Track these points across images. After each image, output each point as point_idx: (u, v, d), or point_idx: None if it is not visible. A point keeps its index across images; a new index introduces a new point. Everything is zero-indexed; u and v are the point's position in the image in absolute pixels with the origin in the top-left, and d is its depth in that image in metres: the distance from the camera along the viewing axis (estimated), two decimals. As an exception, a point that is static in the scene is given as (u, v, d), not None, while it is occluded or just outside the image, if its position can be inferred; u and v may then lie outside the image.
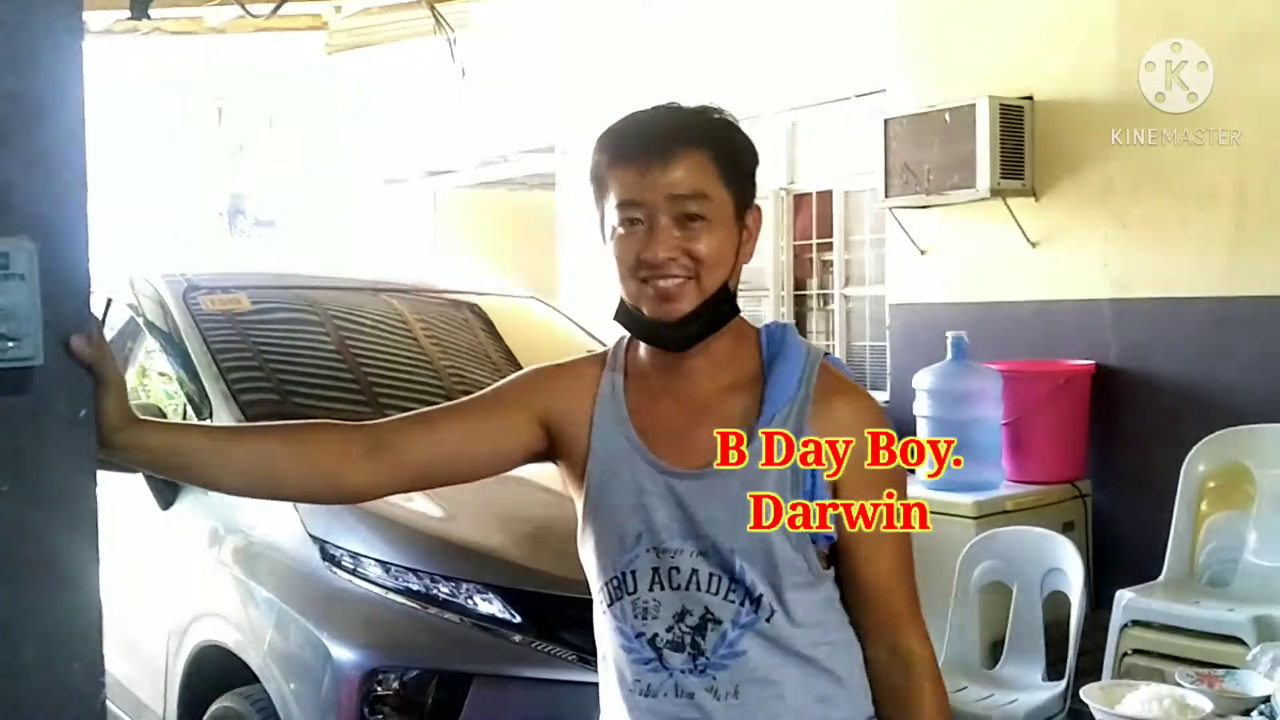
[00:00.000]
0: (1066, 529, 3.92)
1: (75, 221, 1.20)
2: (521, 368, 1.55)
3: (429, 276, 4.83)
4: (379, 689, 2.47)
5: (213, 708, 2.82)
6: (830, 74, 5.63)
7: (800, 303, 6.10)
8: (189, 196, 11.95)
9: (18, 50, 1.16)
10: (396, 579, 2.61)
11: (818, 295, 6.06)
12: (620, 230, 1.36)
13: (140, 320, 3.67)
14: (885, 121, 5.05)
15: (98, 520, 1.22)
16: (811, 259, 6.05)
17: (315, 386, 3.52)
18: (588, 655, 2.49)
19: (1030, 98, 4.75)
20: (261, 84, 11.46)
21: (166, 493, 3.10)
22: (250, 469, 1.37)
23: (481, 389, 1.53)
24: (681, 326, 1.36)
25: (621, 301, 1.41)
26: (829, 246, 5.89)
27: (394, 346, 3.95)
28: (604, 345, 1.55)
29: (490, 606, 2.56)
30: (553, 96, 7.67)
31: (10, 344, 1.11)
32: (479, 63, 6.68)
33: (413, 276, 4.69)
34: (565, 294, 7.00)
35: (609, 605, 1.42)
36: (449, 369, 3.86)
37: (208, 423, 2.98)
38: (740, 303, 1.44)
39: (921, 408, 4.50)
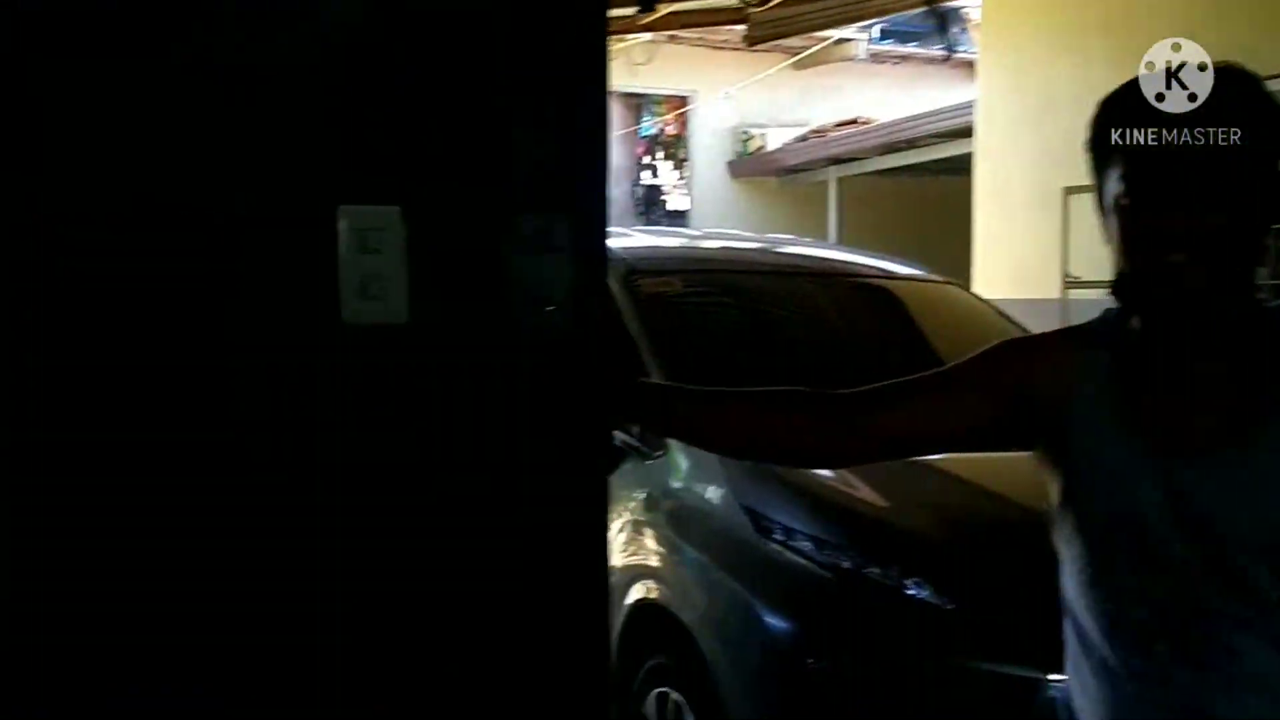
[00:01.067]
0: None
1: (598, 198, 1.33)
2: (937, 354, 1.54)
3: (845, 260, 4.86)
4: (811, 662, 2.54)
5: (649, 663, 3.00)
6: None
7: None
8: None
9: (554, 41, 1.30)
10: (827, 555, 2.67)
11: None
12: (1124, 202, 1.30)
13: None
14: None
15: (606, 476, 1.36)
16: None
17: (737, 368, 3.65)
18: (1020, 648, 2.46)
19: None
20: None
21: (608, 459, 3.32)
22: (736, 430, 1.46)
23: (897, 375, 1.52)
24: (1189, 305, 1.29)
25: (1120, 275, 1.35)
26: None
27: (810, 330, 4.03)
28: (1025, 332, 1.49)
29: (921, 592, 2.56)
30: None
31: (550, 309, 1.25)
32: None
33: (828, 259, 4.75)
34: (980, 281, 6.80)
35: (1089, 587, 1.38)
36: (864, 354, 3.87)
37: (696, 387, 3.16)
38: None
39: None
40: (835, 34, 10.02)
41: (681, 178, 13.01)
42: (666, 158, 13.04)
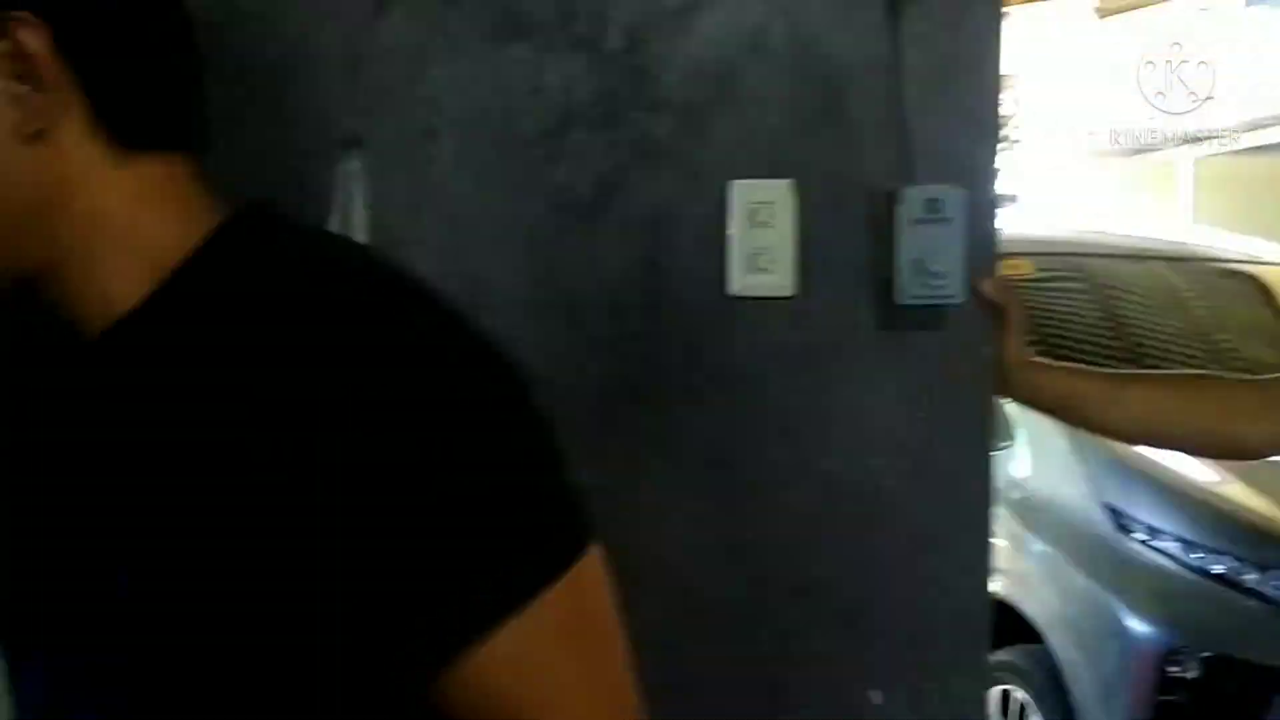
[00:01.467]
0: None
1: (988, 169, 1.28)
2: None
3: (1205, 243, 4.54)
4: (1176, 670, 2.39)
5: (992, 659, 2.91)
6: None
7: None
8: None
9: (949, 13, 1.27)
10: (1197, 558, 2.49)
11: None
12: None
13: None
14: None
15: (991, 452, 1.31)
16: None
17: (1093, 356, 3.47)
18: None
19: None
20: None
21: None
22: (1141, 416, 1.38)
23: (1269, 368, 1.38)
24: None
25: None
26: None
27: (1169, 317, 3.78)
28: None
29: (1306, 600, 2.35)
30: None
31: (939, 282, 1.22)
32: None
33: (1186, 243, 4.46)
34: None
35: None
36: (1222, 343, 3.61)
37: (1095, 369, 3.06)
38: None
39: None
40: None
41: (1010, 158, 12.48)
42: (997, 138, 12.55)
